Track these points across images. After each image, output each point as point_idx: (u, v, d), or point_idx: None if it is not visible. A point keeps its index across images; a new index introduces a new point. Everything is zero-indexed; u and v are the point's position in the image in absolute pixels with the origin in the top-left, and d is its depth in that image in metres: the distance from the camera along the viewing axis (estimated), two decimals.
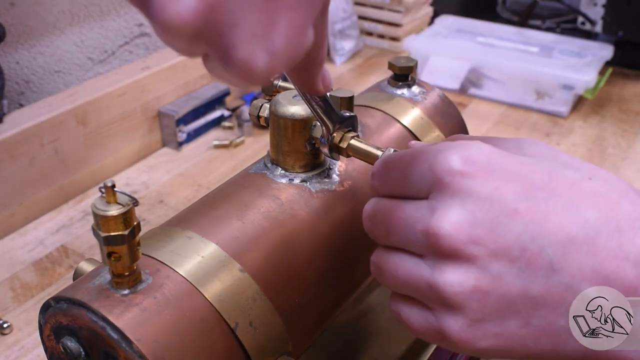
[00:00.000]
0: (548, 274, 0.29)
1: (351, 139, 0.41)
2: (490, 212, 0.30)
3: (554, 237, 0.29)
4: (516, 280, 0.30)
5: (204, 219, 0.39)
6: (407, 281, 0.33)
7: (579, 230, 0.29)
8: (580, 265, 0.29)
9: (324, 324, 0.42)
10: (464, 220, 0.30)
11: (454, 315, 0.31)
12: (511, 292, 0.30)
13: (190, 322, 0.34)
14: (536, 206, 0.30)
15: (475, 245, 0.30)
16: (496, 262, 0.30)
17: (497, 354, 0.31)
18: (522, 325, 0.30)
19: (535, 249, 0.29)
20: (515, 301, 0.30)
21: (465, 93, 1.01)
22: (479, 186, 0.30)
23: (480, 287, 0.30)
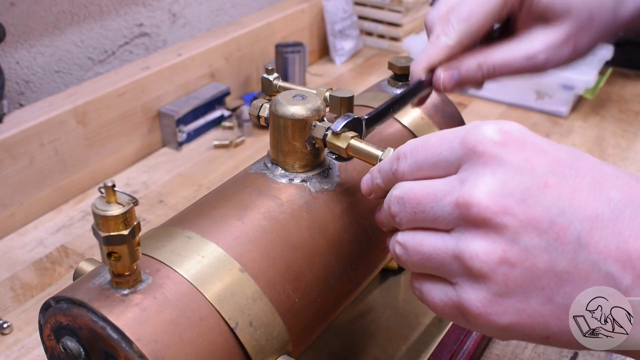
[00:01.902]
0: (575, 249, 0.29)
1: (351, 139, 0.41)
2: (521, 182, 0.30)
3: (582, 212, 0.29)
4: (543, 254, 0.29)
5: (204, 219, 0.39)
6: (431, 256, 0.33)
7: (604, 208, 0.29)
8: (606, 242, 0.29)
9: (324, 324, 0.42)
10: (495, 189, 0.30)
11: (477, 288, 0.31)
12: (537, 266, 0.30)
13: (190, 322, 0.34)
14: (565, 181, 0.30)
15: (506, 214, 0.30)
16: (525, 234, 0.30)
17: (516, 334, 0.31)
18: (545, 302, 0.30)
19: (564, 223, 0.29)
20: (541, 276, 0.30)
21: (465, 93, 1.01)
22: (511, 155, 0.30)
23: (507, 258, 0.30)
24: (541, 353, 0.56)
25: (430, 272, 0.33)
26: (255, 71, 1.00)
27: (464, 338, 0.54)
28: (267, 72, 0.48)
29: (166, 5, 0.97)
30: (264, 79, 0.48)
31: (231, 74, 0.96)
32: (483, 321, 0.31)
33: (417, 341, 0.53)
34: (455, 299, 0.32)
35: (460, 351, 0.53)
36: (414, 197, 0.33)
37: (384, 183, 0.37)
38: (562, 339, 0.30)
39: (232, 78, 0.96)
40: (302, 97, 0.43)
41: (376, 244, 0.45)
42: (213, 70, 0.93)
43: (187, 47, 0.91)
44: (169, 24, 0.98)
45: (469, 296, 0.31)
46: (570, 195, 0.30)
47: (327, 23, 1.12)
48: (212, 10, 1.06)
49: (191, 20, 1.02)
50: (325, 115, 0.43)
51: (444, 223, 0.32)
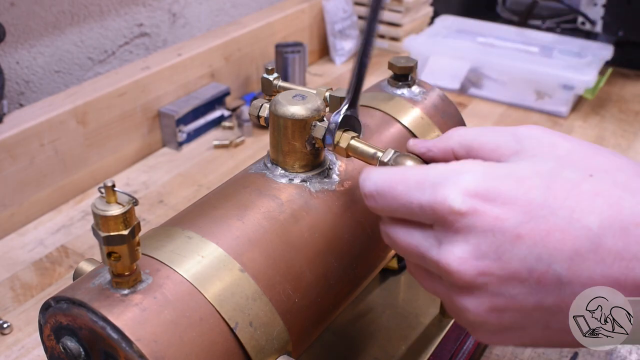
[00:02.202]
0: (559, 287, 0.30)
1: (351, 139, 0.41)
2: (493, 242, 0.31)
3: (560, 253, 0.30)
4: (529, 296, 0.31)
5: (204, 219, 0.39)
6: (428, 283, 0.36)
7: (583, 241, 0.29)
8: (589, 274, 0.29)
9: (324, 324, 0.42)
10: (468, 255, 0.31)
11: (476, 330, 0.34)
12: (526, 306, 0.31)
13: (190, 322, 0.34)
14: (537, 226, 0.30)
15: (484, 276, 0.31)
16: (507, 285, 0.31)
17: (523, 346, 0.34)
18: (543, 328, 0.31)
19: (542, 268, 0.30)
20: (532, 313, 0.31)
21: (465, 93, 1.01)
22: (480, 220, 0.31)
23: (495, 307, 0.32)
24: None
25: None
26: (255, 71, 1.00)
27: (464, 338, 0.54)
28: (267, 72, 0.48)
29: (166, 5, 0.97)
30: (264, 79, 0.48)
31: (231, 74, 0.96)
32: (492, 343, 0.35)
33: (417, 341, 0.53)
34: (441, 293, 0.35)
35: (460, 351, 0.53)
36: (399, 243, 0.36)
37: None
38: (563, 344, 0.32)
39: (232, 78, 0.96)
40: (302, 97, 0.43)
41: (376, 244, 0.45)
42: (213, 70, 0.93)
43: (187, 47, 0.91)
44: (169, 24, 0.98)
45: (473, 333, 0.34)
46: (545, 239, 0.30)
47: (327, 23, 1.12)
48: (212, 10, 1.06)
49: (191, 20, 1.02)
50: (325, 115, 0.43)
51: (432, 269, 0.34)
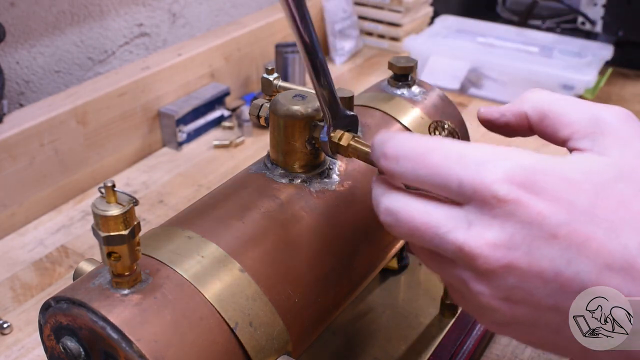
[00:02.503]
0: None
1: (351, 140, 0.41)
2: (529, 235, 0.29)
3: (591, 263, 0.29)
4: (548, 297, 0.30)
5: (204, 219, 0.39)
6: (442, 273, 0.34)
7: (616, 257, 0.29)
8: (616, 286, 0.29)
9: (324, 324, 0.42)
10: (501, 242, 0.29)
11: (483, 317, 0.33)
12: (543, 305, 0.30)
13: (190, 322, 0.34)
14: (576, 232, 0.29)
15: (510, 266, 0.30)
16: (530, 281, 0.30)
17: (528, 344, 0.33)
18: (554, 332, 0.31)
19: (569, 274, 0.29)
20: (547, 313, 0.30)
21: (465, 93, 1.01)
22: (521, 211, 0.29)
23: (511, 298, 0.30)
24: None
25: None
26: (255, 71, 1.00)
27: (464, 338, 0.54)
28: (267, 72, 0.48)
29: (166, 5, 0.97)
30: (264, 79, 0.48)
31: (231, 74, 0.96)
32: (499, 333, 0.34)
33: (417, 341, 0.53)
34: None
35: (460, 351, 0.53)
36: (411, 221, 0.32)
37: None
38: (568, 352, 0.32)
39: (232, 78, 0.96)
40: (302, 97, 0.43)
41: (376, 244, 0.45)
42: (213, 70, 0.93)
43: (187, 47, 0.91)
44: (169, 24, 0.98)
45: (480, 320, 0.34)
46: (579, 245, 0.29)
47: (327, 23, 1.12)
48: (212, 10, 1.06)
49: (191, 20, 1.02)
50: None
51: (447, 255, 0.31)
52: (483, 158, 0.30)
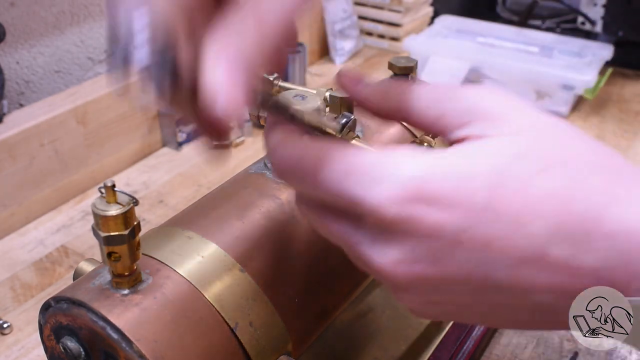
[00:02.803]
0: (499, 291, 0.29)
1: (351, 140, 0.41)
2: (430, 247, 0.29)
3: (501, 261, 0.28)
4: (467, 296, 0.30)
5: (204, 219, 0.39)
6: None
7: (526, 249, 0.28)
8: (532, 281, 0.28)
9: (324, 324, 0.42)
10: (403, 258, 0.29)
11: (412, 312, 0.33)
12: (465, 302, 0.31)
13: (190, 322, 0.34)
14: (479, 233, 0.28)
15: (419, 279, 0.30)
16: (444, 286, 0.30)
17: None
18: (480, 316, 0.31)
19: (481, 275, 0.29)
20: (472, 306, 0.31)
21: None
22: (417, 226, 0.28)
23: (432, 302, 0.31)
24: (541, 353, 0.56)
25: None
26: None
27: (464, 338, 0.54)
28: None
29: None
30: (264, 79, 0.48)
31: None
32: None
33: (417, 341, 0.53)
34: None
35: (460, 351, 0.53)
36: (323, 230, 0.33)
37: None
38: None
39: None
40: (302, 97, 0.43)
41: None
42: None
43: None
44: None
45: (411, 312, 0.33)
46: (485, 246, 0.28)
47: (327, 23, 1.12)
48: None
49: None
50: (325, 115, 0.43)
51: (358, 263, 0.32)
52: (372, 173, 0.29)
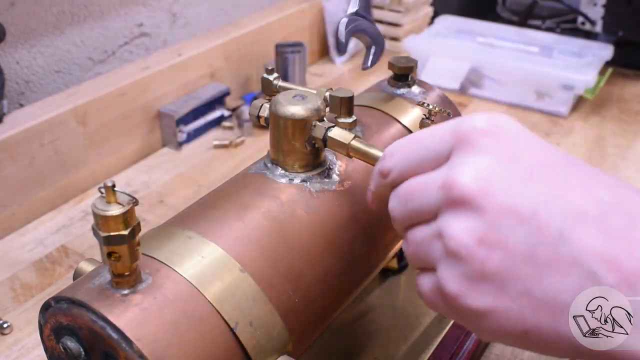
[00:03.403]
0: (557, 241, 0.29)
1: (352, 140, 0.41)
2: (507, 171, 0.30)
3: (568, 207, 0.29)
4: (523, 243, 0.29)
5: (204, 219, 0.39)
6: (421, 243, 0.33)
7: (591, 206, 0.29)
8: (591, 240, 0.29)
9: (324, 324, 0.42)
10: (480, 174, 0.30)
11: (454, 268, 0.31)
12: (517, 253, 0.29)
13: (190, 322, 0.34)
14: (552, 176, 0.30)
15: (487, 197, 0.30)
16: (505, 219, 0.29)
17: (493, 324, 0.30)
18: (523, 293, 0.29)
19: (546, 214, 0.29)
20: (520, 265, 0.29)
21: (465, 93, 1.01)
22: (500, 147, 0.31)
23: (486, 241, 0.30)
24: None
25: (423, 264, 0.33)
26: (255, 71, 1.00)
27: (464, 338, 0.54)
28: (267, 72, 0.48)
29: (166, 5, 0.97)
30: (264, 79, 0.48)
31: (231, 74, 0.96)
32: (459, 303, 0.31)
33: (417, 341, 0.53)
34: (436, 282, 0.32)
35: (460, 351, 0.53)
36: (407, 189, 0.34)
37: (375, 187, 0.37)
38: (540, 335, 0.30)
39: (232, 78, 0.96)
40: (302, 97, 0.43)
41: (376, 244, 0.45)
42: (213, 70, 0.93)
43: (187, 47, 0.91)
44: (169, 24, 0.98)
45: (446, 276, 0.31)
46: (556, 189, 0.30)
47: (327, 23, 1.12)
48: (212, 10, 1.06)
49: (191, 20, 1.02)
50: (325, 115, 0.43)
51: (432, 208, 0.32)
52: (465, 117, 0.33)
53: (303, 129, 0.42)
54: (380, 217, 0.41)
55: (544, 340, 0.30)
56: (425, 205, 0.32)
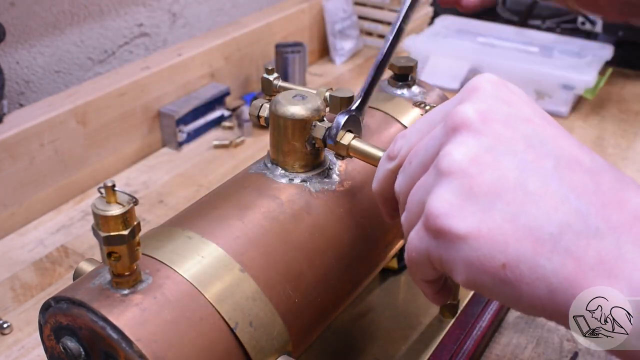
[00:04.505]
0: (550, 174, 0.29)
1: (352, 140, 0.41)
2: (507, 111, 0.32)
3: (564, 151, 0.30)
4: (516, 168, 0.30)
5: (204, 219, 0.39)
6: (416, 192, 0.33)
7: (586, 159, 0.30)
8: (581, 183, 0.29)
9: (324, 324, 0.42)
10: (482, 109, 0.32)
11: (442, 186, 0.30)
12: (508, 177, 0.30)
13: (190, 322, 0.34)
14: (549, 125, 0.32)
15: (486, 122, 0.31)
16: (501, 146, 0.30)
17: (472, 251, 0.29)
18: (509, 219, 0.29)
19: (542, 151, 0.30)
20: (509, 190, 0.29)
21: None
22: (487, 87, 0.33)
23: (478, 161, 0.30)
24: (541, 353, 0.56)
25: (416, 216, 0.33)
26: (255, 71, 1.00)
27: (464, 338, 0.54)
28: (267, 72, 0.48)
29: (166, 5, 0.97)
30: (264, 79, 0.48)
31: (231, 74, 0.96)
32: (442, 224, 0.30)
33: (417, 341, 0.53)
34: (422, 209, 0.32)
35: (460, 351, 0.53)
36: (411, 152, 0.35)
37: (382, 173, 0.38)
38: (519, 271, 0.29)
39: (232, 78, 0.96)
40: (302, 97, 0.43)
41: (376, 244, 0.45)
42: (213, 70, 0.93)
43: (187, 47, 0.91)
44: (169, 24, 0.98)
45: (434, 197, 0.31)
46: (552, 134, 0.31)
47: (327, 23, 1.12)
48: (212, 10, 1.06)
49: (191, 20, 1.02)
50: (325, 115, 0.43)
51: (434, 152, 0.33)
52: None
53: (303, 129, 0.42)
54: (380, 217, 0.41)
55: (521, 279, 0.29)
56: (429, 154, 0.33)
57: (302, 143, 0.42)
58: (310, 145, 0.42)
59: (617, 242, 0.28)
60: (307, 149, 0.42)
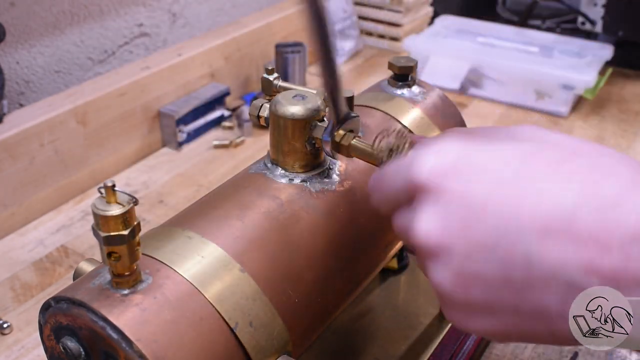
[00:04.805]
0: (527, 263, 0.29)
1: (352, 140, 0.41)
2: (459, 212, 0.31)
3: (529, 228, 0.29)
4: (496, 270, 0.30)
5: (204, 219, 0.39)
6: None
7: (554, 218, 0.28)
8: (560, 252, 0.28)
9: (324, 324, 0.42)
10: (434, 224, 0.31)
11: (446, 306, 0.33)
12: (493, 281, 0.30)
13: (190, 322, 0.34)
14: (507, 199, 0.30)
15: (448, 244, 0.31)
16: (473, 256, 0.30)
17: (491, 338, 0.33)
18: (513, 313, 0.30)
19: (509, 242, 0.29)
20: (501, 290, 0.30)
21: (465, 93, 1.01)
22: (447, 194, 0.31)
23: (461, 278, 0.31)
24: (541, 353, 0.56)
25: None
26: (255, 71, 1.00)
27: (464, 338, 0.54)
28: (267, 72, 0.48)
29: (166, 5, 0.97)
30: (264, 79, 0.48)
31: (231, 74, 0.96)
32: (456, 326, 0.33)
33: (417, 341, 0.53)
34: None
35: (460, 351, 0.53)
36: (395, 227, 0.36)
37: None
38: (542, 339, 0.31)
39: (232, 78, 0.96)
40: (302, 97, 0.43)
41: (376, 244, 0.45)
42: (213, 70, 0.93)
43: (187, 47, 0.91)
44: (169, 24, 0.98)
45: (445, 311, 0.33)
46: (513, 212, 0.29)
47: None
48: (212, 10, 1.06)
49: (191, 20, 1.02)
50: (325, 115, 0.43)
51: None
52: (413, 160, 0.33)
53: (303, 129, 0.42)
54: (380, 217, 0.41)
55: (544, 340, 0.31)
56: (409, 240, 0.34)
57: (302, 143, 0.42)
58: (310, 145, 0.42)
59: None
60: (307, 149, 0.42)
